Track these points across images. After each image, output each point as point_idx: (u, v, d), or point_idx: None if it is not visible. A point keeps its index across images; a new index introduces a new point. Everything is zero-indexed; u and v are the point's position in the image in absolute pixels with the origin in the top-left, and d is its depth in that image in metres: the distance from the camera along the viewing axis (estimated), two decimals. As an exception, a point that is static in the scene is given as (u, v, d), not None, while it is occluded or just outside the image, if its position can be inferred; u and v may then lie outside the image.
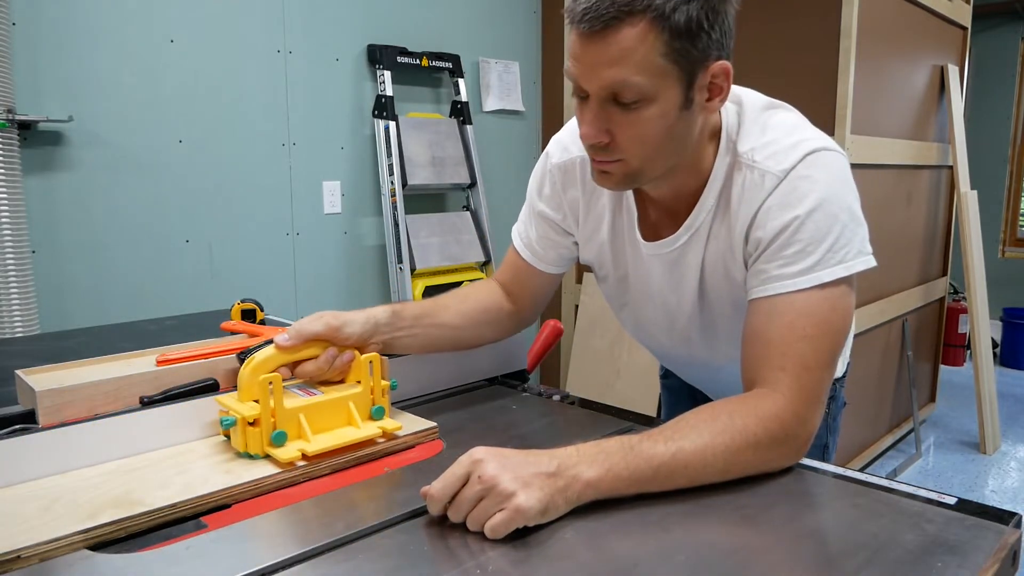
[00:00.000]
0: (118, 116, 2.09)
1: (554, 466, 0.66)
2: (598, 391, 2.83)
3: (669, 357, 1.14)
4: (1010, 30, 4.70)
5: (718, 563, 0.59)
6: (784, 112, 0.89)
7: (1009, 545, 0.62)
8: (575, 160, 0.99)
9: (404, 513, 0.67)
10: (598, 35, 0.75)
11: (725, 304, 0.93)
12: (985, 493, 2.80)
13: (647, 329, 1.07)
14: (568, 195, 1.01)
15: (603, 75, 0.76)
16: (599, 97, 0.78)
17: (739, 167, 0.85)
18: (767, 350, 0.80)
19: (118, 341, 1.34)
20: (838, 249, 0.80)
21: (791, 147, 0.83)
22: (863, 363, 2.78)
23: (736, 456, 0.72)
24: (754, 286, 0.84)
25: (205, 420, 0.85)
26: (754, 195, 0.84)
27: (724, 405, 0.76)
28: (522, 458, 0.66)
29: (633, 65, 0.75)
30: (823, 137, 0.85)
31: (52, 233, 2.00)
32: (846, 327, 0.82)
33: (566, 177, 1.00)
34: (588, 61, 0.76)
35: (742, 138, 0.86)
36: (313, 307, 2.57)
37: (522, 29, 3.19)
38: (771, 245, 0.82)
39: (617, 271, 1.02)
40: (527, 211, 1.07)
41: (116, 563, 0.60)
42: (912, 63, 2.85)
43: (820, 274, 0.80)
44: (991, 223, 4.66)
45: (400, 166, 2.64)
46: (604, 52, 0.75)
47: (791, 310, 0.80)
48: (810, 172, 0.81)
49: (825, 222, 0.80)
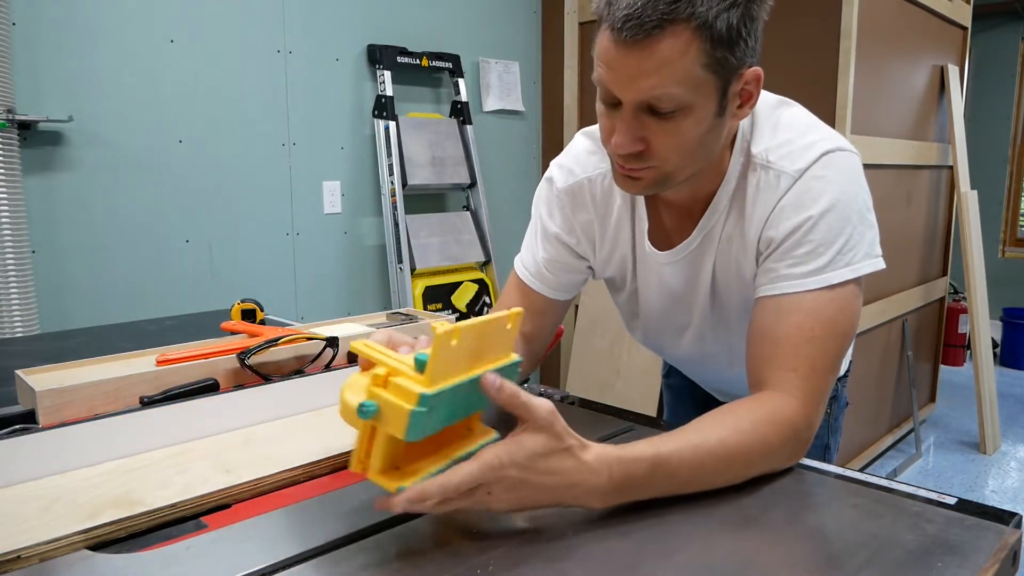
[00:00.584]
0: (118, 116, 2.09)
1: (569, 488, 0.63)
2: (598, 391, 2.83)
3: (682, 359, 1.12)
4: (1010, 30, 4.70)
5: (718, 563, 0.59)
6: (794, 109, 0.89)
7: (1009, 545, 0.62)
8: (582, 182, 0.98)
9: (405, 513, 0.67)
10: (640, 44, 0.71)
11: (737, 303, 0.93)
12: (985, 493, 2.80)
13: (660, 334, 1.06)
14: (579, 218, 0.99)
15: (641, 85, 0.73)
16: (634, 106, 0.75)
17: (753, 168, 0.85)
18: (775, 350, 0.79)
19: (118, 341, 1.34)
20: (848, 251, 0.80)
21: (806, 147, 0.83)
22: (863, 363, 2.78)
23: (751, 464, 0.73)
24: (763, 284, 0.84)
25: (205, 420, 0.85)
26: (769, 195, 0.83)
27: (746, 414, 0.74)
28: (546, 489, 0.62)
29: (673, 76, 0.72)
30: (837, 136, 0.85)
31: (52, 233, 2.00)
32: (852, 329, 0.82)
33: (575, 201, 0.99)
34: (626, 70, 0.73)
35: (755, 138, 0.86)
36: (313, 307, 2.58)
37: (522, 29, 3.19)
38: (783, 244, 0.82)
39: (632, 284, 1.02)
40: (537, 236, 1.03)
41: (116, 563, 0.60)
42: (912, 63, 2.85)
43: (830, 275, 0.79)
44: (991, 223, 4.66)
45: (400, 166, 2.64)
46: (644, 62, 0.72)
47: (799, 310, 0.80)
48: (825, 173, 0.81)
49: (837, 224, 0.80)
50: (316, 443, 0.83)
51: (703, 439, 0.70)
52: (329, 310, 2.63)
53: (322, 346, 1.04)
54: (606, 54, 0.75)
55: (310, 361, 1.03)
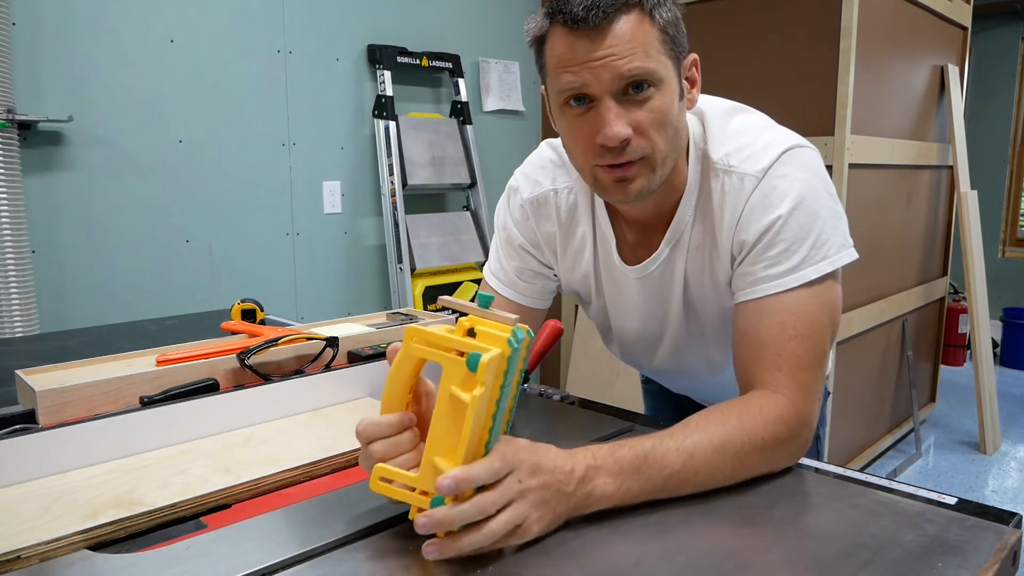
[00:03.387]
0: (118, 116, 2.09)
1: (573, 485, 0.64)
2: (598, 391, 2.83)
3: (660, 371, 1.12)
4: (1010, 30, 4.70)
5: (718, 563, 0.59)
6: (748, 114, 0.90)
7: (1009, 545, 0.62)
8: (548, 194, 0.98)
9: (405, 513, 0.67)
10: (604, 29, 0.75)
11: (713, 310, 0.94)
12: (985, 493, 2.80)
13: (635, 347, 1.06)
14: (543, 229, 1.00)
15: (616, 65, 0.75)
16: (612, 93, 0.77)
17: (715, 174, 0.86)
18: (761, 351, 0.80)
19: (118, 341, 1.34)
20: (821, 245, 0.81)
21: (765, 147, 0.84)
22: (863, 363, 2.78)
23: (744, 460, 0.72)
24: (740, 288, 0.84)
25: (205, 420, 0.85)
26: (736, 199, 0.84)
27: (731, 409, 0.76)
28: (556, 487, 0.63)
29: (643, 50, 0.76)
30: (793, 135, 0.86)
31: (52, 233, 2.00)
32: (835, 321, 0.83)
33: (539, 211, 0.99)
34: (597, 57, 0.76)
35: (712, 145, 0.87)
36: (313, 307, 2.58)
37: (522, 29, 3.19)
38: (755, 247, 0.82)
39: (599, 299, 1.02)
40: (501, 247, 1.04)
41: (116, 563, 0.60)
42: (912, 63, 2.85)
43: (806, 272, 0.80)
44: (991, 223, 4.66)
45: (400, 166, 2.64)
46: (613, 42, 0.75)
47: (781, 310, 0.80)
48: (787, 170, 0.82)
49: (807, 219, 0.81)
50: (316, 443, 0.83)
51: (688, 432, 0.72)
52: (329, 310, 2.63)
53: (322, 346, 1.04)
54: (570, 54, 0.77)
55: (310, 361, 1.03)
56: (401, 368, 0.63)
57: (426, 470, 0.60)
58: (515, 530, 0.60)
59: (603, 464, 0.66)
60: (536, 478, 0.61)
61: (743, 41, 2.61)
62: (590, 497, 0.65)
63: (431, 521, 0.57)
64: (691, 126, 0.88)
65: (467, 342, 0.59)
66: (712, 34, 2.65)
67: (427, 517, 0.57)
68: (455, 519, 0.57)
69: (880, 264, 2.80)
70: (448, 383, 0.59)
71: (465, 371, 0.58)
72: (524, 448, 0.63)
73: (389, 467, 0.61)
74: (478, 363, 0.57)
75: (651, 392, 1.35)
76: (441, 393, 0.60)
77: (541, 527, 0.62)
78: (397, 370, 0.63)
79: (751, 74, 2.59)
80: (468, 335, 0.60)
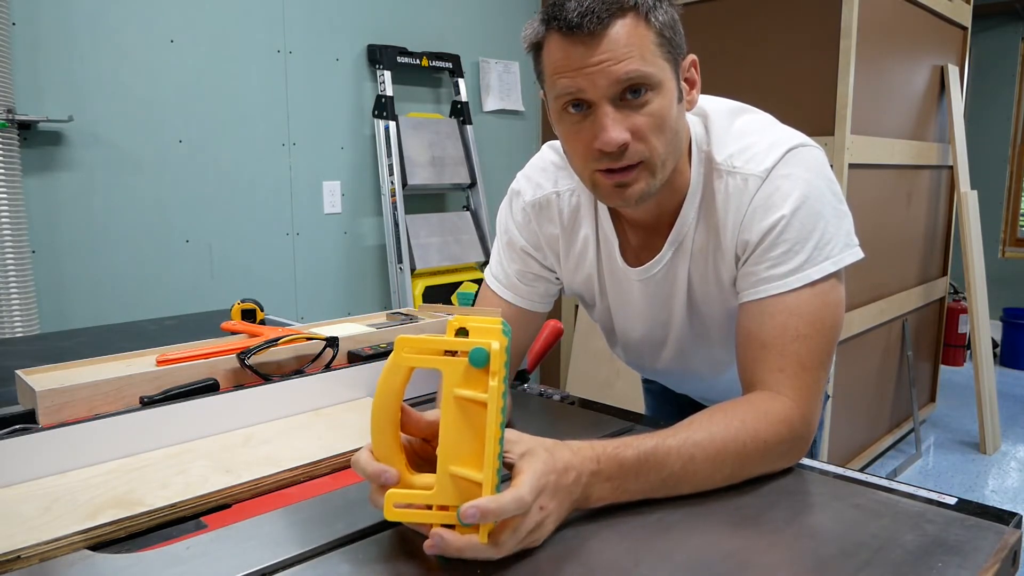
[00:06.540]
0: (118, 116, 2.09)
1: (571, 477, 0.64)
2: (598, 391, 2.83)
3: (663, 373, 1.12)
4: (1010, 30, 4.70)
5: (718, 563, 0.59)
6: (751, 114, 0.90)
7: (1009, 545, 0.62)
8: (550, 196, 0.98)
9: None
10: (600, 34, 0.75)
11: (717, 312, 0.94)
12: (985, 493, 2.80)
13: (639, 349, 1.06)
14: (545, 232, 1.00)
15: (613, 70, 0.75)
16: (609, 98, 0.77)
17: (719, 175, 0.86)
18: (764, 352, 0.80)
19: (118, 341, 1.34)
20: (824, 245, 0.81)
21: (769, 147, 0.83)
22: (863, 363, 2.78)
23: (745, 461, 0.72)
24: (744, 288, 0.84)
25: (205, 420, 0.85)
26: (740, 199, 0.84)
27: (734, 409, 0.75)
28: (565, 489, 0.63)
29: (640, 53, 0.76)
30: (798, 134, 0.86)
31: (52, 233, 2.00)
32: (838, 322, 0.83)
33: (542, 214, 0.99)
34: (594, 62, 0.75)
35: (716, 146, 0.86)
36: (313, 307, 2.58)
37: (522, 29, 3.19)
38: (759, 247, 0.82)
39: (603, 301, 1.02)
40: (503, 250, 1.03)
41: (116, 563, 0.60)
42: (912, 63, 2.85)
43: (809, 272, 0.80)
44: (991, 223, 4.66)
45: (400, 166, 2.64)
46: (610, 46, 0.75)
47: (784, 311, 0.80)
48: (790, 170, 0.82)
49: (810, 219, 0.80)
50: (316, 443, 0.83)
51: (690, 432, 0.71)
52: (329, 310, 2.63)
53: (322, 346, 1.04)
54: (566, 60, 0.77)
55: (310, 361, 1.03)
56: (390, 378, 0.61)
57: (443, 482, 0.58)
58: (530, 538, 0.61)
59: (604, 469, 0.66)
60: (555, 499, 0.62)
61: (743, 41, 2.61)
62: (588, 500, 0.66)
63: (453, 547, 0.57)
64: (694, 127, 0.88)
65: (462, 341, 0.58)
66: (712, 34, 2.65)
67: (444, 542, 0.57)
68: (479, 553, 0.58)
69: (880, 264, 2.80)
70: (451, 387, 0.58)
71: (468, 370, 0.57)
72: (542, 464, 0.61)
73: (401, 491, 0.60)
74: (486, 355, 0.56)
75: (652, 392, 1.34)
76: (445, 399, 0.58)
77: (549, 532, 0.63)
78: (386, 381, 0.61)
79: (751, 74, 2.59)
80: (460, 334, 0.59)
